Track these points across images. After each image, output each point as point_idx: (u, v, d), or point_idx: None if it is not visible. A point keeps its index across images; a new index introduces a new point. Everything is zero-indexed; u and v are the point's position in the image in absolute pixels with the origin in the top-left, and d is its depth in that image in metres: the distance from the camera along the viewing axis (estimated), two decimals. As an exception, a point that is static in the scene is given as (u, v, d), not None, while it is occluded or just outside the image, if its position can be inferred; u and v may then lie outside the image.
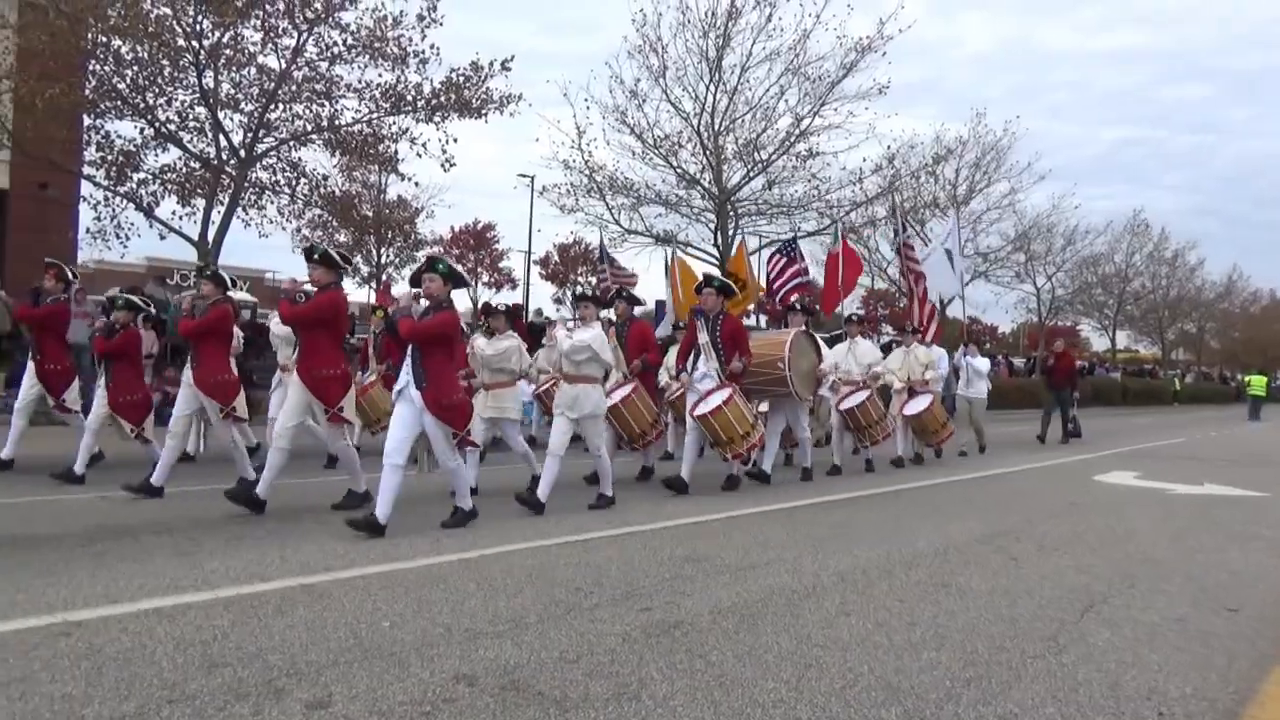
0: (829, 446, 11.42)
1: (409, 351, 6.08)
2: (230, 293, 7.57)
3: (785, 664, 3.64)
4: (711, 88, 22.53)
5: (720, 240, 23.35)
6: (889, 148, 24.46)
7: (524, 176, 32.18)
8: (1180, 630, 4.40)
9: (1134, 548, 6.56)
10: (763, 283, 19.82)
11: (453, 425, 6.09)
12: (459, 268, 6.36)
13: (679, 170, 23.38)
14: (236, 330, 8.05)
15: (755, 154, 23.06)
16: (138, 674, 3.23)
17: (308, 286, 6.71)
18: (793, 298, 15.54)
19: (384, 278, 32.20)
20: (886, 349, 14.02)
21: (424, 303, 6.24)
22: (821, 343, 10.03)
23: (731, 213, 23.39)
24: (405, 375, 6.04)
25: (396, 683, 3.26)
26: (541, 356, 9.41)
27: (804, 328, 9.75)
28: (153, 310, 8.62)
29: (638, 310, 10.03)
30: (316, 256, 6.64)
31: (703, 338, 8.39)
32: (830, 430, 13.02)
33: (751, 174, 23.38)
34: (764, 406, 9.78)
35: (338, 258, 6.79)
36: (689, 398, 8.52)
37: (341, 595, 4.40)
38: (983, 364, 14.54)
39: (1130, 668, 3.81)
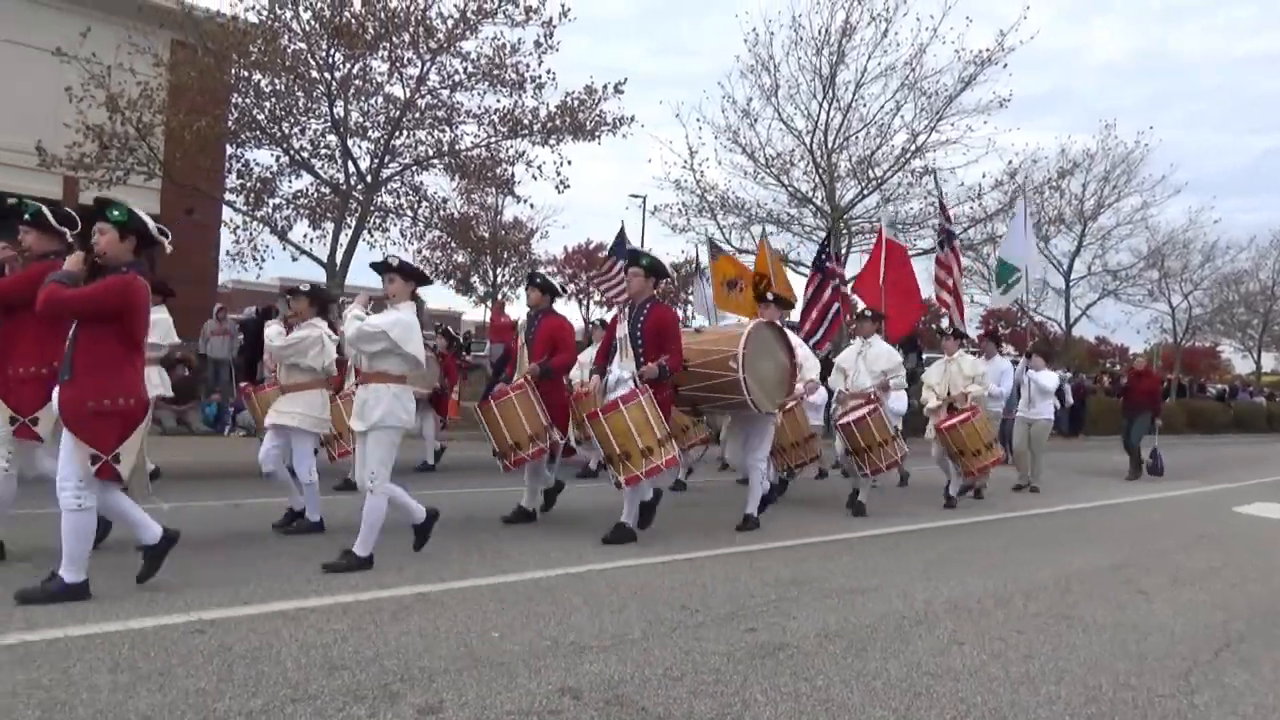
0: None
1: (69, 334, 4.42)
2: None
3: (894, 691, 3.56)
4: (825, 105, 22.36)
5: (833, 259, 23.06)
6: (1010, 162, 23.75)
7: (636, 197, 32.60)
8: (1330, 675, 4.09)
9: (1279, 584, 6.13)
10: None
11: (92, 443, 4.24)
12: (148, 218, 4.68)
13: (791, 189, 23.26)
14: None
15: (869, 171, 22.75)
16: (264, 672, 3.41)
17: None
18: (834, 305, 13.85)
19: (499, 296, 33.05)
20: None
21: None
22: (798, 340, 8.12)
23: (844, 231, 23.09)
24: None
25: (504, 692, 3.33)
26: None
27: (770, 320, 7.73)
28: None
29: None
30: (28, 216, 5.00)
31: (621, 331, 6.65)
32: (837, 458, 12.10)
33: (865, 191, 23.06)
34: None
35: (51, 218, 5.09)
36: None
37: (454, 605, 4.54)
38: (1049, 379, 11.88)
39: (1271, 712, 3.57)
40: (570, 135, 17.35)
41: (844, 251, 23.11)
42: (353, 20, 15.67)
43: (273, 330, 6.52)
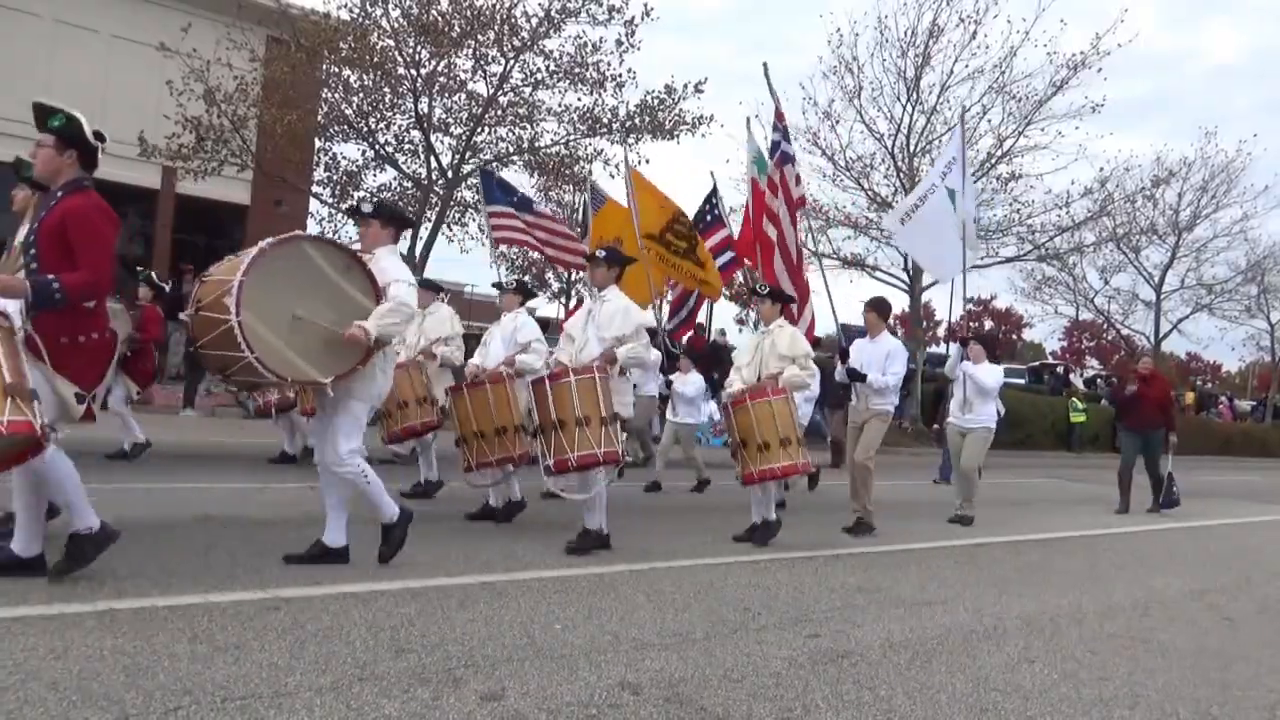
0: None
1: None
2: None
3: (959, 706, 3.48)
4: (908, 108, 22.03)
5: (910, 265, 22.67)
6: (1101, 169, 23.08)
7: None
8: None
9: (1378, 619, 5.81)
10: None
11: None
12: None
13: (870, 192, 22.96)
14: None
15: (952, 176, 22.31)
16: (334, 651, 3.50)
17: None
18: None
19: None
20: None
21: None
22: (392, 272, 4.93)
23: (925, 236, 22.68)
24: None
25: (565, 684, 3.36)
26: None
27: (321, 236, 5.23)
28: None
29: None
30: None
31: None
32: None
33: (948, 197, 22.61)
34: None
35: None
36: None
37: (518, 595, 4.59)
38: (990, 375, 8.84)
39: (1364, 752, 3.39)
40: (649, 134, 17.43)
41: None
42: (439, 18, 16.02)
43: None
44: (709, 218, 12.15)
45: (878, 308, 7.97)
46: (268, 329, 4.40)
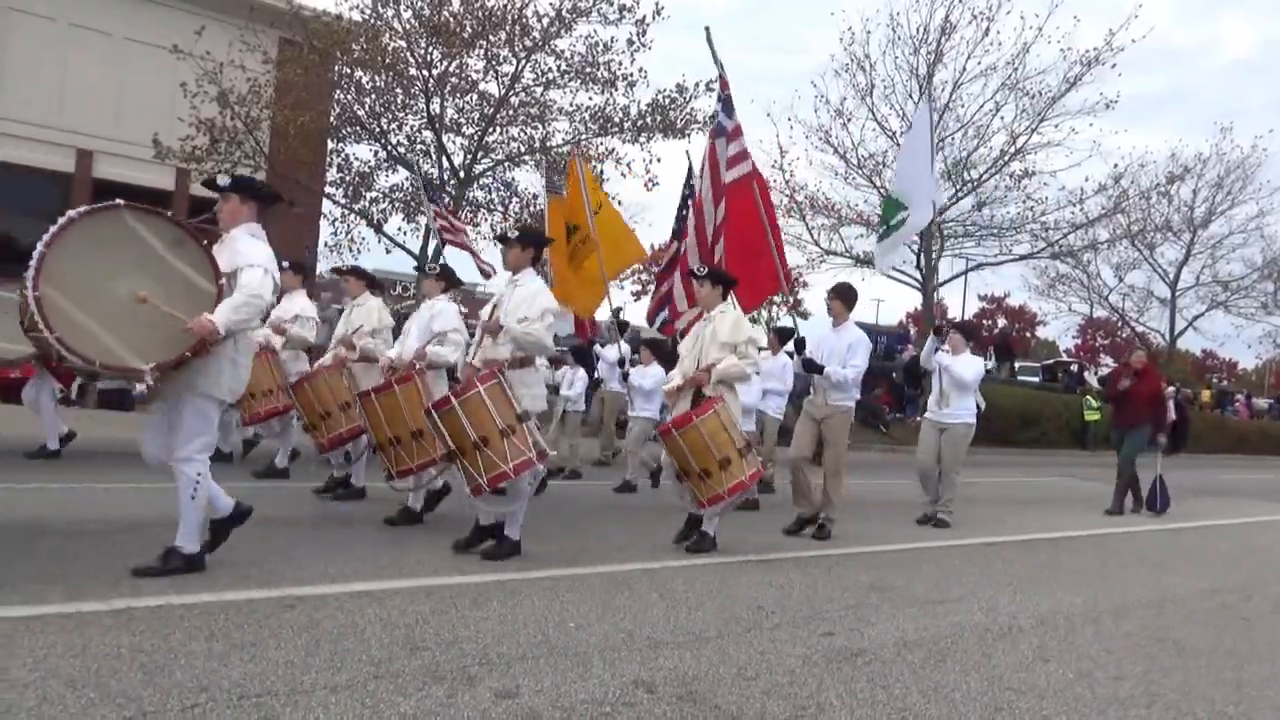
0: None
1: None
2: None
3: (973, 705, 3.47)
4: (920, 105, 21.94)
5: (923, 263, 22.61)
6: (1115, 166, 22.96)
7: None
8: None
9: (1396, 618, 5.77)
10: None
11: None
12: None
13: (882, 190, 22.87)
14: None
15: (965, 173, 22.26)
16: (349, 649, 3.52)
17: None
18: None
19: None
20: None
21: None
22: (247, 255, 4.43)
23: (937, 235, 22.61)
24: None
25: (579, 681, 3.37)
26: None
27: (122, 203, 4.14)
28: None
29: None
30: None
31: None
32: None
33: (960, 194, 22.57)
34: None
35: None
36: None
37: (532, 593, 4.60)
38: (968, 368, 8.34)
39: (1383, 751, 3.37)
40: (660, 133, 17.43)
41: (935, 257, 22.63)
42: (451, 19, 16.06)
43: None
44: (689, 204, 10.24)
45: (843, 295, 7.28)
46: (76, 306, 3.92)
